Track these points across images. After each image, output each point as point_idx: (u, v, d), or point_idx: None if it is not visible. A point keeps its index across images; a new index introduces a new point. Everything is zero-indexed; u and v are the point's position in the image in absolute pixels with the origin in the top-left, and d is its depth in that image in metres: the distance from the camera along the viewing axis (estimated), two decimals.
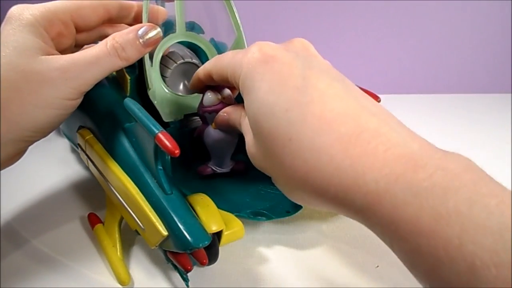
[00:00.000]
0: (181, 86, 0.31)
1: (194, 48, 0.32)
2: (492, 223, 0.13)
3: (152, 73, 0.28)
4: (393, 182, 0.16)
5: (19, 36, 0.22)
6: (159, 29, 0.25)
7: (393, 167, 0.16)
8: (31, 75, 0.22)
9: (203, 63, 0.31)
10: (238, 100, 0.26)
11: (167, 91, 0.29)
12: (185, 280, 0.23)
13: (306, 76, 0.20)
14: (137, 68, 0.29)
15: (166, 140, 0.21)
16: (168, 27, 0.30)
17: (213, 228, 0.22)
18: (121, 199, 0.24)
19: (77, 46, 0.28)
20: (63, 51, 0.25)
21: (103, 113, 0.27)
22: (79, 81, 0.23)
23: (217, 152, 0.28)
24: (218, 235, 0.23)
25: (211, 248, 0.23)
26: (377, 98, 0.26)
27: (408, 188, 0.15)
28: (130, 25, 0.26)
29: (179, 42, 0.31)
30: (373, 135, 0.18)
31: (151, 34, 0.25)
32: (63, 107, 0.23)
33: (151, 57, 0.28)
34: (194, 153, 0.30)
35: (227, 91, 0.27)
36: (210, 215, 0.23)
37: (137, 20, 0.29)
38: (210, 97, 0.26)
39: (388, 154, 0.17)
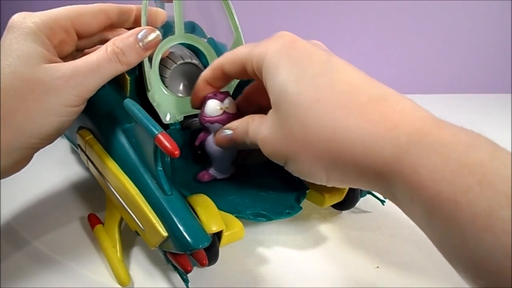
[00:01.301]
0: (180, 87, 0.31)
1: (193, 49, 0.32)
2: (510, 174, 0.14)
3: (152, 75, 0.28)
4: (421, 136, 0.17)
5: (22, 45, 0.22)
6: (158, 32, 0.25)
7: (421, 124, 0.18)
8: (36, 84, 0.22)
9: (202, 63, 0.31)
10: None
11: (166, 92, 0.29)
12: (185, 281, 0.23)
13: (329, 55, 0.22)
14: (137, 69, 0.29)
15: (166, 141, 0.21)
16: (167, 29, 0.30)
17: (213, 228, 0.22)
18: (121, 199, 0.24)
19: (78, 51, 0.28)
20: (65, 58, 0.25)
21: (103, 114, 0.27)
22: (82, 88, 0.23)
23: (219, 160, 0.28)
24: (218, 235, 0.23)
25: (211, 249, 0.23)
26: None
27: (435, 141, 0.17)
28: (130, 28, 0.26)
29: (179, 43, 0.31)
30: (399, 99, 0.19)
31: (151, 37, 0.25)
32: (67, 114, 0.24)
33: (150, 59, 0.28)
34: (194, 154, 0.30)
35: (230, 99, 0.27)
36: (210, 215, 0.23)
37: (137, 23, 0.29)
38: (213, 105, 0.26)
39: (416, 115, 0.18)
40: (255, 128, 0.23)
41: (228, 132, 0.25)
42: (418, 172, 0.16)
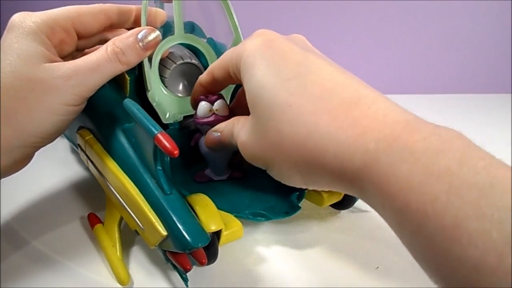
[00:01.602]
0: (180, 87, 0.31)
1: (193, 49, 0.32)
2: (478, 180, 0.14)
3: (151, 75, 0.28)
4: (391, 142, 0.16)
5: (23, 44, 0.23)
6: (158, 32, 0.25)
7: (391, 129, 0.17)
8: (36, 84, 0.22)
9: (202, 63, 0.31)
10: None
11: (166, 92, 0.29)
12: (185, 280, 0.23)
13: (305, 55, 0.21)
14: (137, 69, 0.29)
15: (165, 141, 0.21)
16: (167, 29, 0.30)
17: (212, 227, 0.22)
18: (120, 199, 0.24)
19: (78, 50, 0.28)
20: (65, 57, 0.25)
21: (102, 114, 0.28)
22: (81, 87, 0.23)
23: (213, 161, 0.29)
24: (217, 234, 0.23)
25: (210, 248, 0.23)
26: None
27: (404, 148, 0.16)
28: (130, 28, 0.27)
29: (178, 43, 0.31)
30: (372, 101, 0.19)
31: (151, 37, 0.25)
32: (67, 113, 0.24)
33: (150, 59, 0.28)
34: (193, 154, 0.30)
35: (220, 102, 0.27)
36: (209, 214, 0.23)
37: (137, 23, 0.29)
38: (204, 107, 0.26)
39: (387, 119, 0.18)
40: (238, 131, 0.23)
41: (216, 134, 0.25)
42: (387, 181, 0.16)
